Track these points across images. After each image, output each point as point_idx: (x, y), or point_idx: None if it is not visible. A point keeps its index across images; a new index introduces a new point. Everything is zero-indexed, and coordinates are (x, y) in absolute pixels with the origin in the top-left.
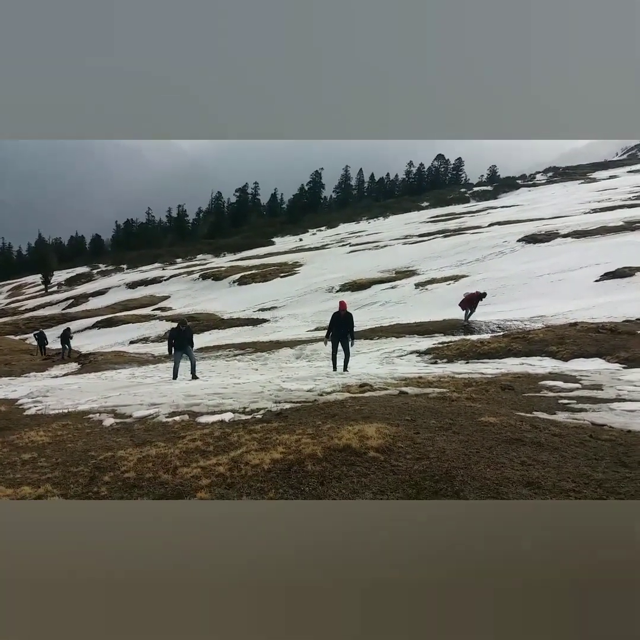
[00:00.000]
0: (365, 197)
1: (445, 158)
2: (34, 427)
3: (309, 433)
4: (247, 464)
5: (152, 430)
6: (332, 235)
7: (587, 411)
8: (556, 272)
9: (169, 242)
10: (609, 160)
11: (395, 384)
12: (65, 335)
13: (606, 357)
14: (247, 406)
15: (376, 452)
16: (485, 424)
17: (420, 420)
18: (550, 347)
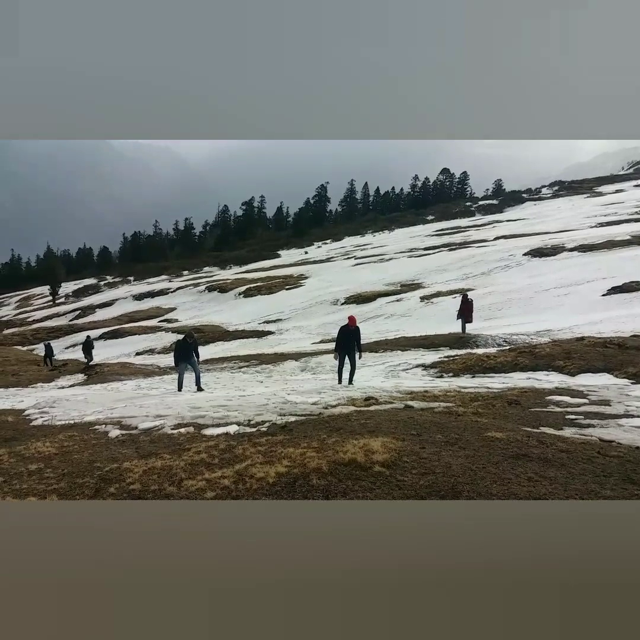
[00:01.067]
0: (371, 210)
1: (450, 172)
2: (41, 438)
3: (314, 446)
4: (252, 477)
5: (158, 442)
6: (337, 248)
7: (594, 427)
8: (562, 286)
9: (175, 254)
10: (615, 174)
11: (401, 398)
12: (87, 344)
13: (614, 373)
14: (252, 419)
15: (382, 467)
16: (492, 439)
17: (426, 435)
18: (557, 362)
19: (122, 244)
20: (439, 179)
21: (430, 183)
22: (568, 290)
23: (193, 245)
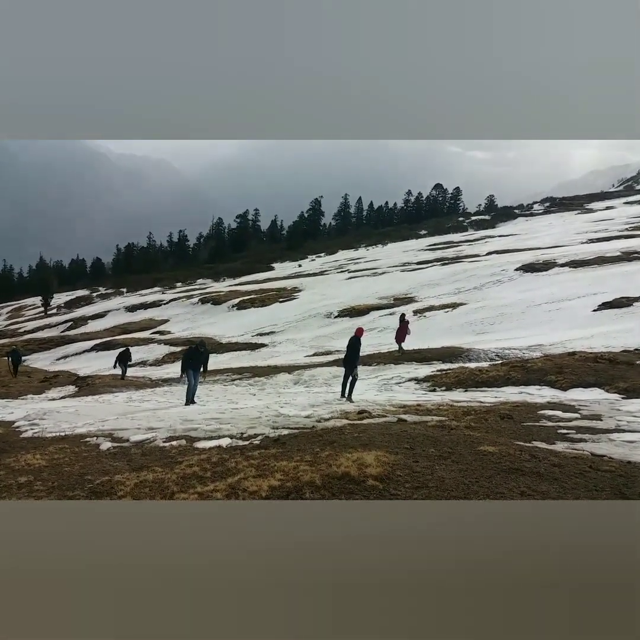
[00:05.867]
0: (364, 224)
1: (443, 187)
2: (31, 450)
3: (307, 460)
4: (244, 491)
5: (149, 454)
6: (331, 261)
7: (586, 441)
8: (554, 301)
9: (169, 266)
10: (605, 191)
11: (394, 411)
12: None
13: (605, 387)
14: (244, 432)
15: (375, 481)
16: (485, 453)
17: (419, 449)
18: (548, 377)
19: (116, 256)
20: (432, 194)
21: (423, 198)
22: (559, 306)
23: (187, 257)
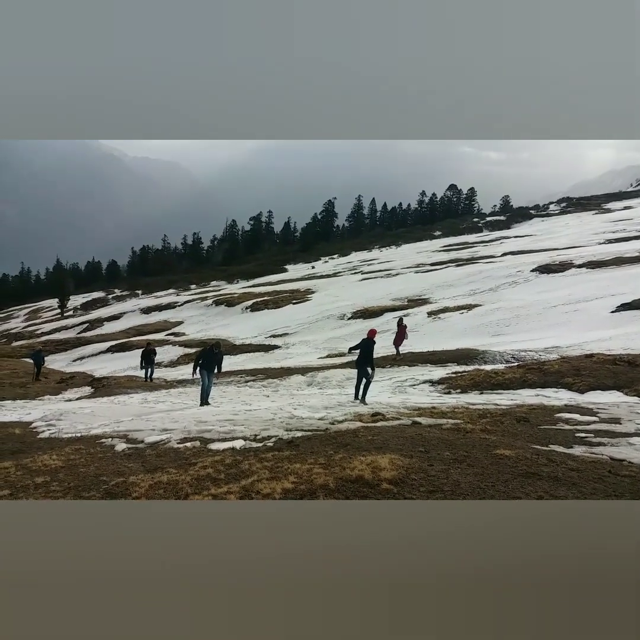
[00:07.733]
0: (378, 226)
1: (457, 188)
2: (47, 451)
3: (320, 463)
4: (258, 493)
5: (164, 456)
6: (344, 263)
7: (605, 445)
8: (571, 302)
9: (183, 268)
10: (623, 191)
11: (408, 414)
12: (148, 353)
13: (624, 390)
14: (258, 433)
15: (389, 484)
16: (501, 456)
17: (434, 452)
18: (566, 379)
19: (131, 258)
20: (447, 195)
21: (437, 199)
22: (576, 307)
23: (201, 260)
